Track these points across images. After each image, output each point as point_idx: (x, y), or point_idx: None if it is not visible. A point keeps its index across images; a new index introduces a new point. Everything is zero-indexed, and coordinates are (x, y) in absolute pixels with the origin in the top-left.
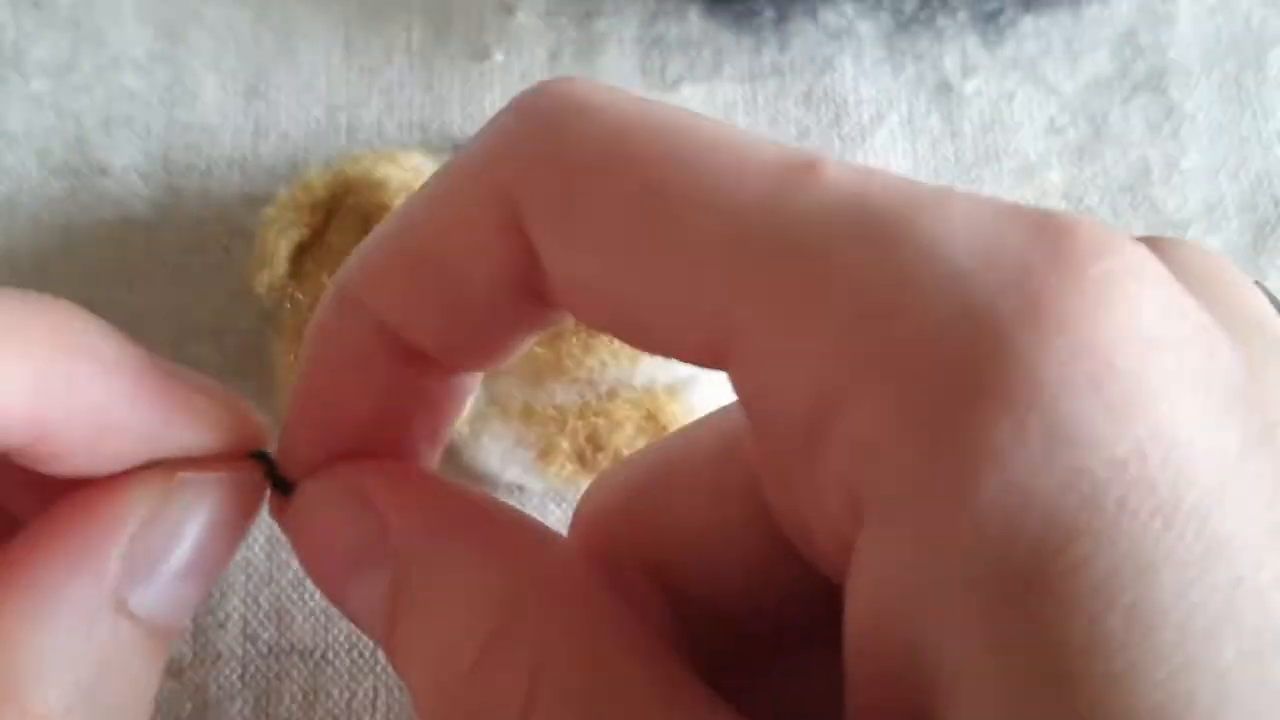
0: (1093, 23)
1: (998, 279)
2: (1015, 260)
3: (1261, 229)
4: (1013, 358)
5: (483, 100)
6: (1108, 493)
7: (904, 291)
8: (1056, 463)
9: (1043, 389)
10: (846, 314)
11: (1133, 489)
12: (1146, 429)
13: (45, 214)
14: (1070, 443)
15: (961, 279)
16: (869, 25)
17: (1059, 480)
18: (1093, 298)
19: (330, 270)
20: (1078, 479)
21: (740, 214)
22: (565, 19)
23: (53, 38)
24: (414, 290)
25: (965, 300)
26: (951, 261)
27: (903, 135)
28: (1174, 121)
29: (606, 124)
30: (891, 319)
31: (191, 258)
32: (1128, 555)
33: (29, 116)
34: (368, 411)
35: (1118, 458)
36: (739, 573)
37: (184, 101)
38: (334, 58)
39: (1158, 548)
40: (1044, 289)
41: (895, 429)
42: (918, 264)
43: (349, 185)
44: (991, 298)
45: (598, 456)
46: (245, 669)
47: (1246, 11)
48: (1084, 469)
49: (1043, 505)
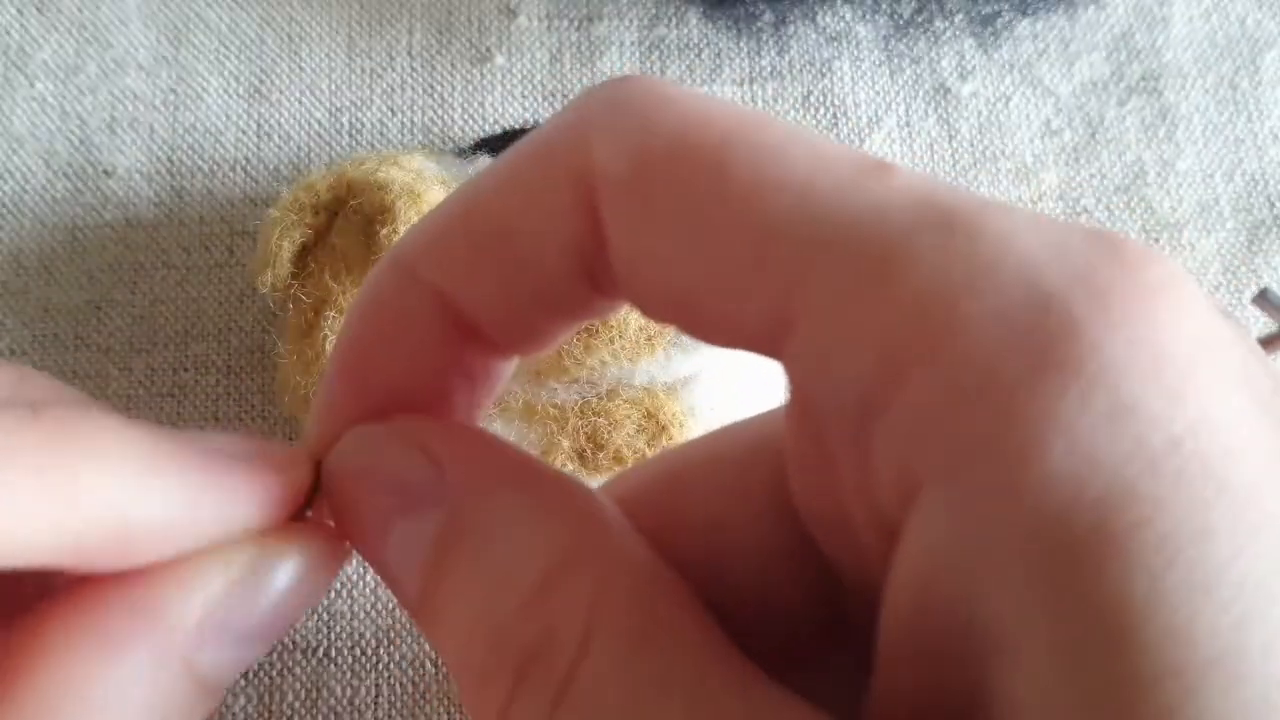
0: (1088, 26)
1: (1069, 271)
2: (1082, 258)
3: (1256, 230)
4: (1082, 338)
5: (484, 102)
6: (1166, 463)
7: (979, 274)
8: (1119, 433)
9: (1109, 368)
10: (918, 291)
11: (1189, 462)
12: (1199, 412)
13: (50, 215)
14: (1132, 417)
15: (1035, 268)
16: (867, 28)
17: (1121, 449)
18: (1150, 297)
19: (333, 270)
20: (1138, 449)
21: (813, 198)
22: (566, 22)
23: (58, 40)
24: (477, 259)
25: (1038, 285)
26: (1025, 253)
27: (900, 137)
28: (1169, 123)
29: (685, 111)
30: (965, 298)
31: (195, 258)
32: (1185, 519)
33: (34, 118)
34: (410, 379)
35: (1174, 434)
36: (753, 578)
37: (188, 103)
38: (337, 60)
39: (1211, 514)
40: (1110, 284)
41: (964, 395)
42: (993, 251)
43: (351, 186)
44: (1063, 286)
45: (598, 455)
46: (249, 666)
47: (1241, 14)
48: (1144, 441)
49: (1106, 470)
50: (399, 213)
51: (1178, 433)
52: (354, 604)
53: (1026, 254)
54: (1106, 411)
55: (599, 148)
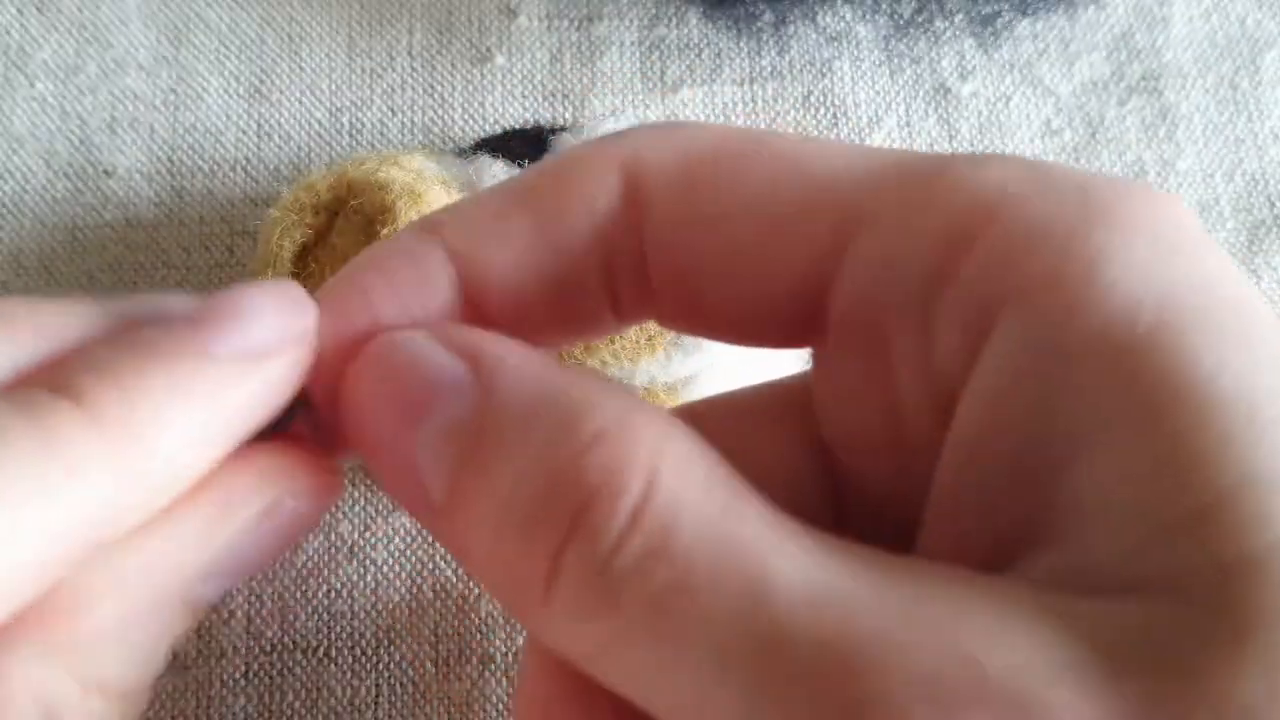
0: (1088, 25)
1: (1105, 182)
2: (1113, 179)
3: (1256, 230)
4: (1120, 207)
5: (484, 102)
6: (1204, 290)
7: (1023, 174)
8: (1164, 264)
9: (1145, 227)
10: (970, 187)
11: (1216, 295)
12: (1218, 267)
13: (50, 215)
14: (1172, 255)
15: (1069, 172)
16: (867, 28)
17: (1168, 274)
18: (1164, 196)
19: (334, 271)
20: (1182, 276)
21: (850, 156)
22: (566, 22)
23: (58, 40)
24: (506, 229)
25: (1086, 182)
26: (1056, 166)
27: (900, 137)
28: (1169, 123)
29: (720, 127)
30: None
31: (195, 258)
32: (1226, 329)
33: (34, 118)
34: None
35: (1209, 269)
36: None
37: (188, 103)
38: (337, 60)
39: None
40: (1133, 186)
41: (1028, 240)
42: (1028, 164)
43: (352, 187)
44: (1107, 182)
45: None
46: (249, 665)
47: (1241, 14)
48: (1185, 270)
49: (1156, 286)
50: (399, 213)
51: (1209, 271)
52: (354, 604)
53: (1053, 167)
54: (1148, 251)
55: (648, 150)
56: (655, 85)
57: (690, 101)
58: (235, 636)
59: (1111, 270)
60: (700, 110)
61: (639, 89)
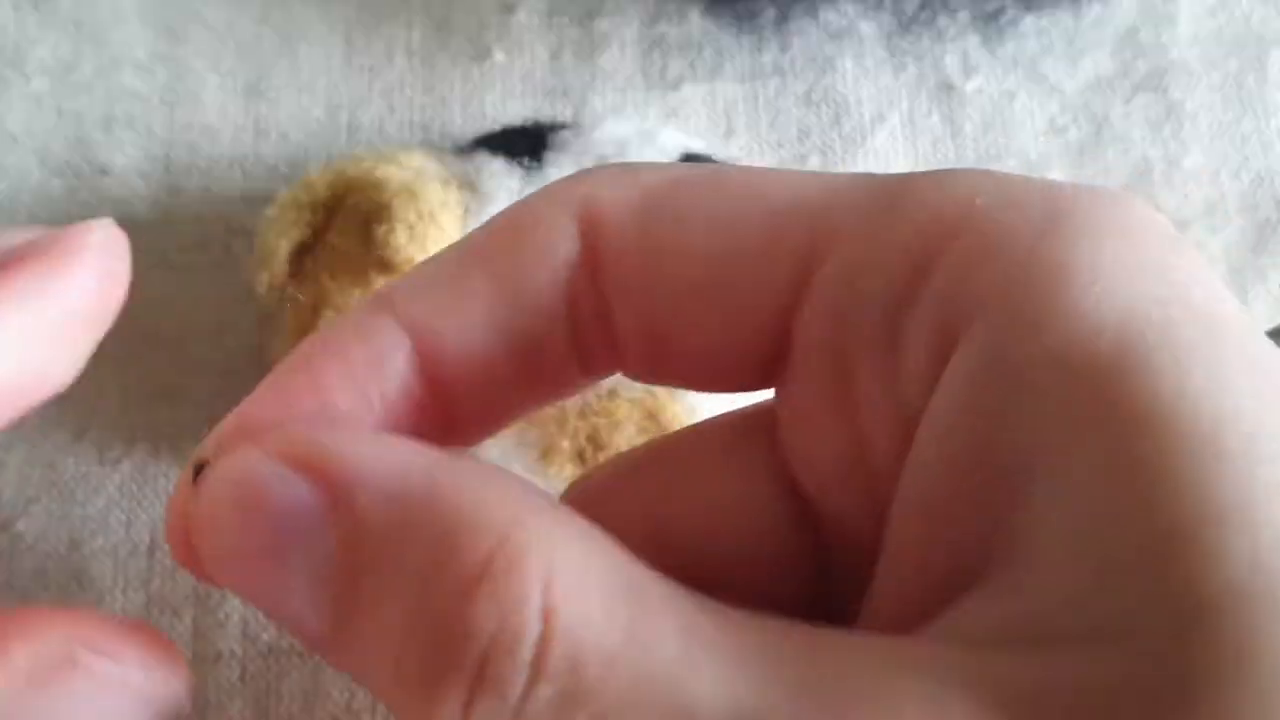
0: (1094, 22)
1: (1071, 189)
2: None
3: (1263, 229)
4: (1085, 213)
5: (483, 100)
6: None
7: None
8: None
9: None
10: (932, 205)
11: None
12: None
13: (46, 214)
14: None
15: (1031, 182)
16: (870, 25)
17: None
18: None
19: (331, 270)
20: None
21: (811, 182)
22: (566, 19)
23: (54, 38)
24: (461, 291)
25: (1052, 189)
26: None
27: (903, 135)
28: (1175, 121)
29: (675, 166)
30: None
31: (192, 257)
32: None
33: (30, 116)
34: (350, 397)
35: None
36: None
37: (185, 101)
38: (335, 58)
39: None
40: (1101, 192)
41: (989, 252)
42: (991, 176)
43: (350, 185)
44: (1073, 189)
45: (598, 456)
46: (245, 669)
47: (1247, 11)
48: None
49: (1121, 299)
50: (397, 211)
51: (1177, 280)
52: None
53: (1018, 179)
54: (1114, 262)
55: (603, 190)
56: (656, 82)
57: (692, 99)
58: (231, 640)
59: (1075, 284)
60: (701, 108)
61: (640, 86)
